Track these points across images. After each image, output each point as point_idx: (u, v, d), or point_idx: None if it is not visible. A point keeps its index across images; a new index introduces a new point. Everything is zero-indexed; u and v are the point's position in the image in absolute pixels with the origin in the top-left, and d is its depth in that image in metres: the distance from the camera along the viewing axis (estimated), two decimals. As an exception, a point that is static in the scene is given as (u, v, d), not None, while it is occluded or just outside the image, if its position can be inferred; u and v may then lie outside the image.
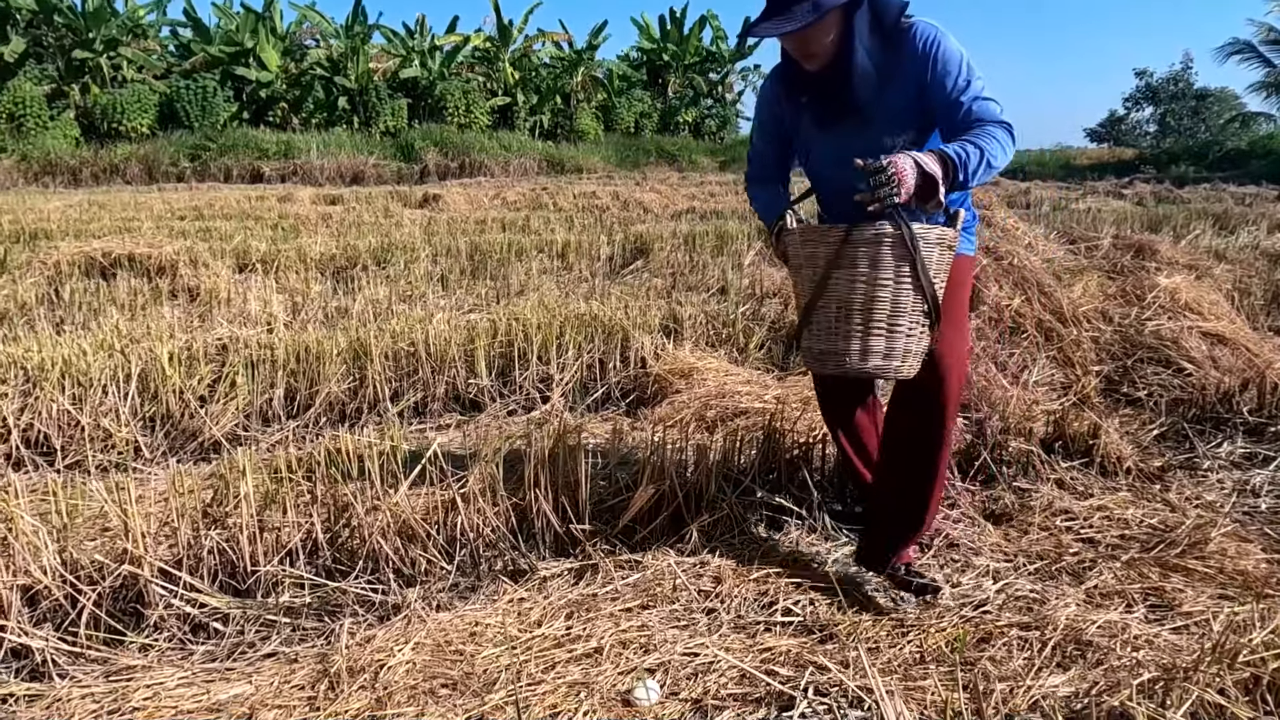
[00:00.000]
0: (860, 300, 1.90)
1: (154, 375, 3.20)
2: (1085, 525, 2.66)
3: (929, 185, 1.80)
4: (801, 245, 2.00)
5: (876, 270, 1.88)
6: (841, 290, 1.91)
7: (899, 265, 1.87)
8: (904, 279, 1.89)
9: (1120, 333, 4.07)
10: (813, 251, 1.95)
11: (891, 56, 1.97)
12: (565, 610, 2.16)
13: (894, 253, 1.86)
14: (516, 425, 3.47)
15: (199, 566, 2.04)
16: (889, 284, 1.88)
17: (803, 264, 1.99)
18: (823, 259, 1.92)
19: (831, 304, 1.94)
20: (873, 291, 1.89)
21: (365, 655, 1.96)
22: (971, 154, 1.82)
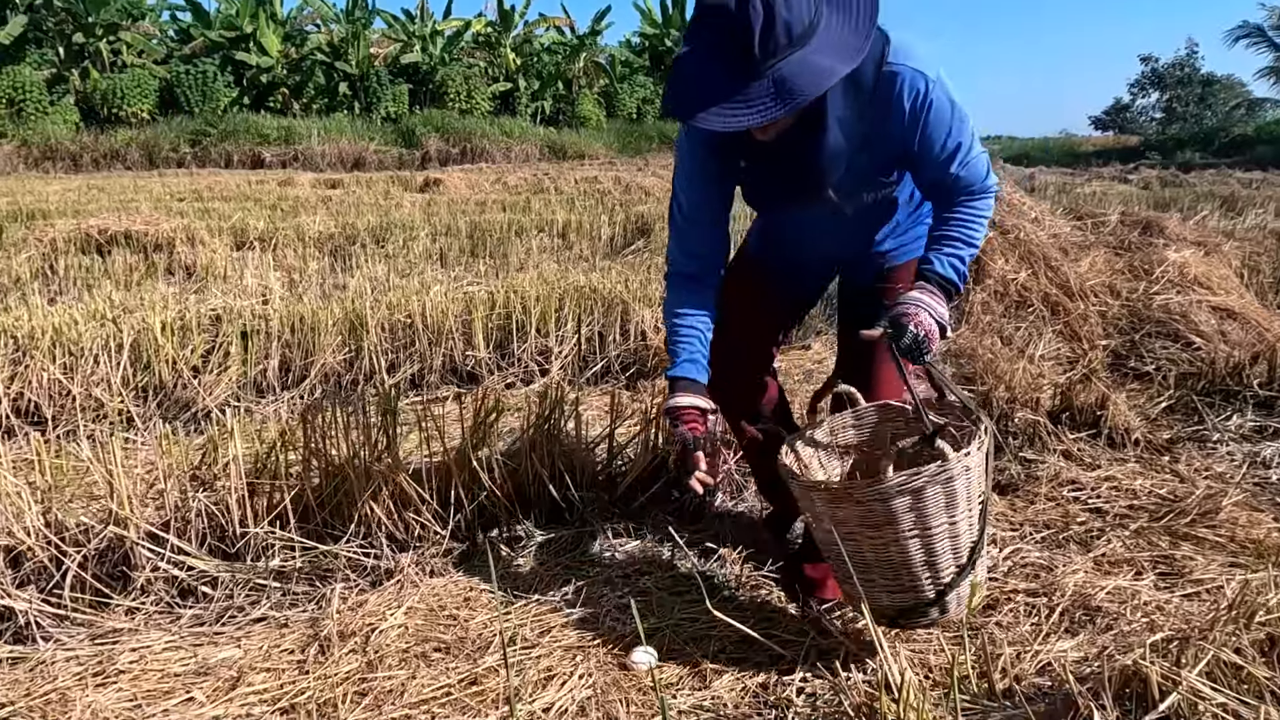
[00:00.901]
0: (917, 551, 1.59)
1: (146, 345, 3.15)
2: (1093, 495, 2.61)
3: (943, 328, 1.68)
4: (819, 503, 1.64)
5: (926, 517, 1.57)
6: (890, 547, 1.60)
7: (951, 507, 1.58)
8: (956, 517, 1.59)
9: (1128, 307, 4.01)
10: (838, 512, 1.61)
11: (871, 116, 1.62)
12: (562, 576, 2.12)
13: (943, 492, 1.55)
14: (515, 398, 3.43)
15: (187, 529, 1.99)
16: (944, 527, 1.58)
17: (824, 519, 1.66)
18: (856, 520, 1.58)
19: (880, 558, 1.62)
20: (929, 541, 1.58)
21: (357, 619, 1.92)
22: (965, 259, 1.72)
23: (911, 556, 1.58)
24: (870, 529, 1.57)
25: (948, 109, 1.62)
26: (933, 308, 1.65)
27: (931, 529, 1.56)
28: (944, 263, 1.71)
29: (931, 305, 1.65)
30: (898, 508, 1.54)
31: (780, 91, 1.41)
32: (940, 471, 1.53)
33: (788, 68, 1.40)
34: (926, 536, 1.56)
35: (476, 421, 2.26)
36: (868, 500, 1.54)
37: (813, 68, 1.41)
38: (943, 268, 1.71)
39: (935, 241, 1.73)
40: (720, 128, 1.45)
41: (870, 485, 1.54)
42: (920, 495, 1.54)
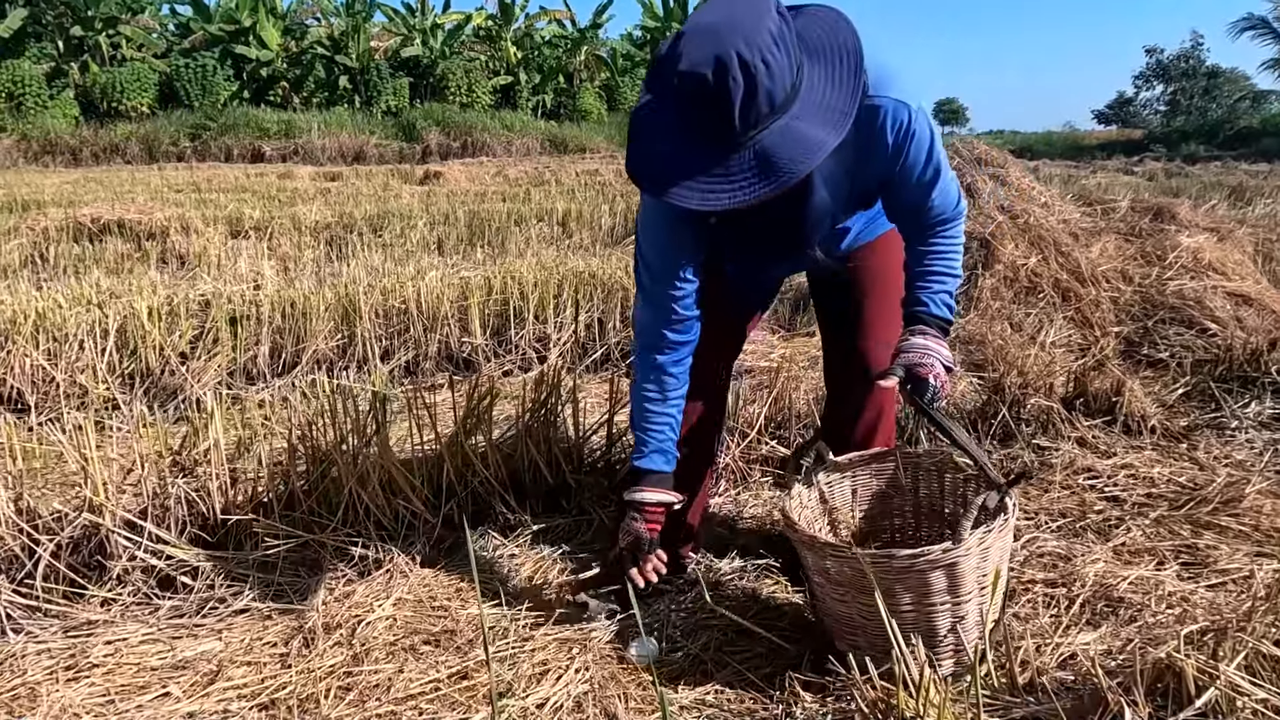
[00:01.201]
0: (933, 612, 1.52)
1: (133, 330, 3.06)
2: (1109, 483, 2.52)
3: (949, 370, 1.64)
4: (829, 563, 1.53)
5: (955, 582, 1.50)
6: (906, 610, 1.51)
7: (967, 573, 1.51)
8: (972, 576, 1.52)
9: (1140, 293, 3.91)
10: (852, 574, 1.50)
11: (852, 154, 1.48)
12: (559, 566, 2.03)
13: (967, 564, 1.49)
14: (513, 385, 3.34)
15: (166, 517, 1.90)
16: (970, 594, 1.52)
17: (831, 581, 1.56)
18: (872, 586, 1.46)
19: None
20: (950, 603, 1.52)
21: (343, 611, 1.83)
22: (953, 292, 1.68)
23: (968, 620, 1.53)
24: (931, 596, 1.49)
25: (928, 138, 1.54)
26: (941, 354, 1.61)
27: (987, 587, 1.54)
28: (937, 302, 1.66)
29: (939, 352, 1.61)
30: (966, 569, 1.48)
31: (764, 166, 1.28)
32: (1004, 525, 1.52)
33: (769, 138, 1.28)
34: (984, 595, 1.54)
35: (470, 406, 2.17)
36: (939, 565, 1.46)
37: (797, 138, 1.28)
38: (938, 308, 1.66)
39: (922, 279, 1.68)
40: (698, 206, 1.31)
41: (950, 550, 1.45)
42: (987, 553, 1.50)
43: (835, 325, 1.97)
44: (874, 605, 1.50)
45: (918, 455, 1.85)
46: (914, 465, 1.87)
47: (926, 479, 1.87)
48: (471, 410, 2.19)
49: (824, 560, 1.54)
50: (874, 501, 1.89)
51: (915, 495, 1.89)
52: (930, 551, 1.46)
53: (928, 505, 1.88)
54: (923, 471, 1.87)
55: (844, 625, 1.57)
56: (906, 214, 1.67)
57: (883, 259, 1.89)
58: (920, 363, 1.59)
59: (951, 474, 1.84)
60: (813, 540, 1.54)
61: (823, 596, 1.60)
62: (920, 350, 1.61)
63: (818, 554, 1.54)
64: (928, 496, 1.88)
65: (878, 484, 1.88)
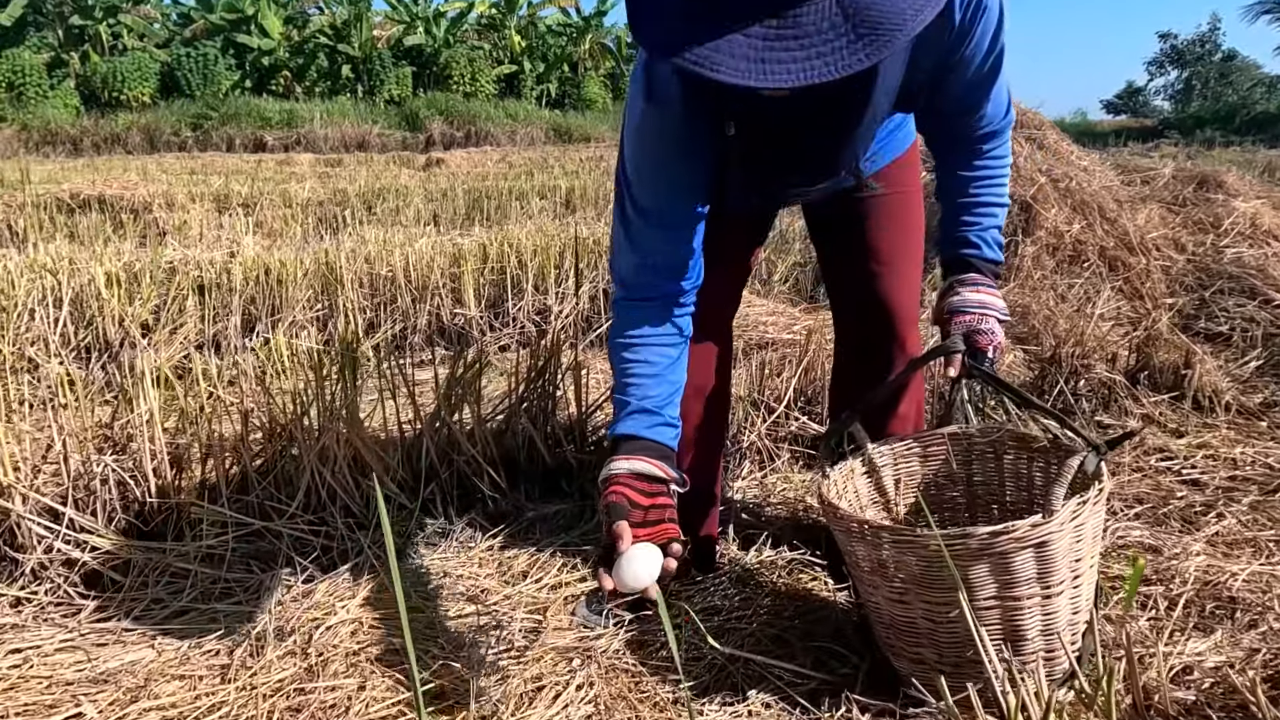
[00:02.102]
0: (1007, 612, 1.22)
1: (89, 299, 2.77)
2: (1187, 465, 2.21)
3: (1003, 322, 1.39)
4: (885, 552, 1.21)
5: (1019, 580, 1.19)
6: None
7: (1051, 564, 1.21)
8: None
9: (1194, 262, 3.59)
10: (916, 566, 1.20)
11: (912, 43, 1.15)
12: (559, 560, 1.73)
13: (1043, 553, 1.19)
14: (509, 361, 3.04)
15: (91, 500, 1.61)
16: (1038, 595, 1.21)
17: (887, 578, 1.24)
18: (932, 576, 1.19)
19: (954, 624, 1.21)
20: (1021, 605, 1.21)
21: (300, 613, 1.53)
22: (1002, 226, 1.42)
23: (1060, 616, 1.23)
24: (1016, 585, 1.19)
25: (996, 18, 1.21)
26: (999, 311, 1.38)
27: (1081, 574, 1.25)
28: (989, 241, 1.40)
29: (997, 308, 1.37)
30: (1059, 551, 1.18)
31: (855, 22, 0.85)
32: (1098, 497, 1.22)
33: None
34: (1076, 585, 1.25)
35: (454, 377, 1.87)
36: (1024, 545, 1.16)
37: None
38: (990, 249, 1.40)
39: (969, 212, 1.40)
40: (761, 83, 0.86)
41: (1039, 524, 1.15)
42: (1082, 530, 1.21)
43: (845, 273, 1.63)
44: (945, 604, 1.20)
45: (969, 435, 1.53)
46: (964, 447, 1.54)
47: (981, 462, 1.55)
48: (457, 380, 1.88)
49: (879, 550, 1.22)
50: (921, 492, 1.57)
51: (969, 483, 1.56)
52: (1016, 527, 1.15)
53: (984, 493, 1.56)
54: (975, 454, 1.54)
55: (904, 635, 1.26)
56: (950, 120, 1.35)
57: (904, 185, 1.57)
58: (979, 328, 1.34)
59: (1013, 454, 1.51)
60: (864, 526, 1.23)
61: (876, 600, 1.29)
62: (978, 310, 1.35)
63: (870, 543, 1.23)
64: (983, 483, 1.55)
65: (925, 471, 1.56)
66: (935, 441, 1.54)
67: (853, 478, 1.48)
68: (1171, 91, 33.95)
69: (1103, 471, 1.25)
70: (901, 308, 1.60)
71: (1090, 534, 1.25)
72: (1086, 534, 1.23)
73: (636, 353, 1.28)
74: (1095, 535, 1.28)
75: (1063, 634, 1.23)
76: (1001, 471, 1.54)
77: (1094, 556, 1.29)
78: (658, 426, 1.25)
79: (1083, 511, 1.19)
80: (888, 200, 1.55)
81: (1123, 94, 38.74)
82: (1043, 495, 1.48)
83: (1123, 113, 37.86)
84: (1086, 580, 1.27)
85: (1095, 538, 1.28)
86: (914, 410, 1.70)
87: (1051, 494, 1.19)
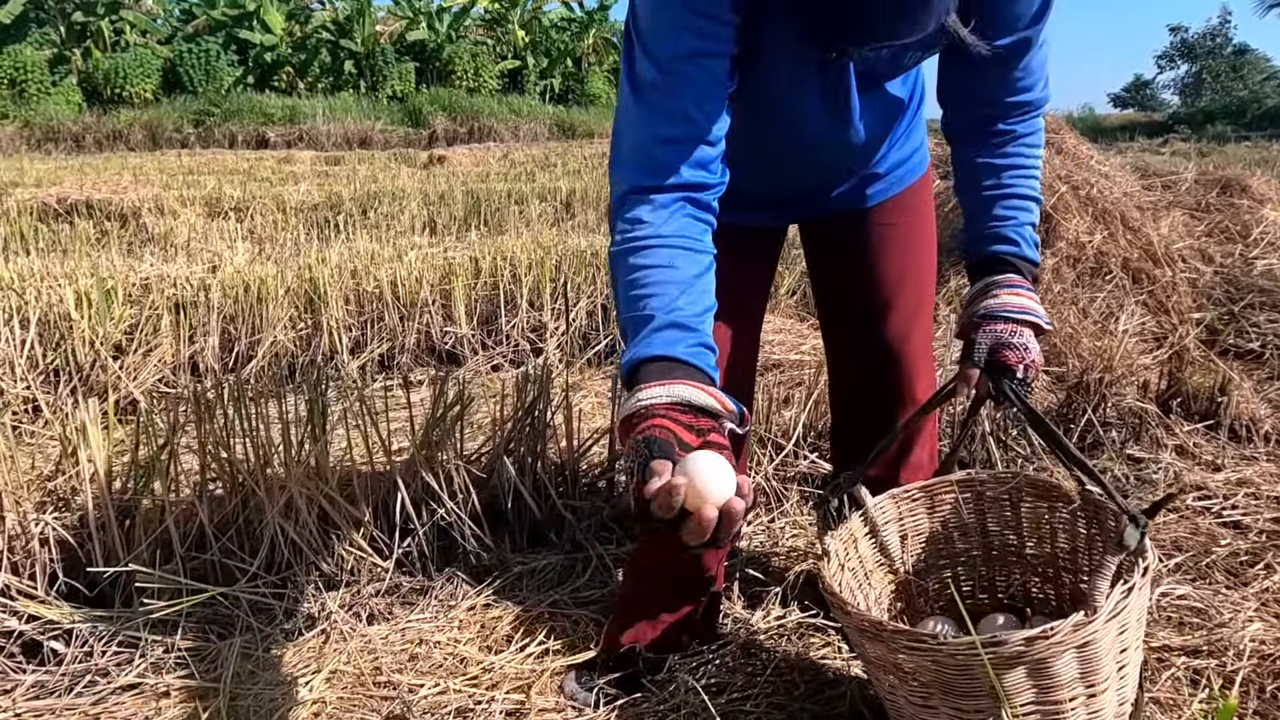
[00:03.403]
0: None
1: (58, 319, 2.62)
2: (1227, 506, 2.05)
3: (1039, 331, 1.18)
4: (902, 656, 1.05)
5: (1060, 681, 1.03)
6: None
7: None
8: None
9: (1223, 274, 3.42)
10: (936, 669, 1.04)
11: None
12: (545, 623, 1.58)
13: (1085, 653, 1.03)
14: (501, 382, 2.89)
15: (30, 563, 1.46)
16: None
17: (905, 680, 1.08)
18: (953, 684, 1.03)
19: None
20: None
21: (258, 689, 1.38)
22: (1036, 223, 1.23)
23: (1105, 713, 1.07)
24: (1058, 689, 1.03)
25: None
26: (1038, 318, 1.16)
27: (1127, 665, 1.09)
28: (1025, 239, 1.21)
29: (1037, 315, 1.16)
30: (1103, 648, 1.02)
31: None
32: (1144, 581, 1.05)
33: None
34: (1123, 677, 1.08)
35: (434, 417, 1.72)
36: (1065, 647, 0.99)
37: None
38: (1029, 247, 1.21)
39: (1003, 205, 1.20)
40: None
41: (1082, 624, 0.99)
42: (1129, 619, 1.04)
43: (845, 320, 1.46)
44: (978, 712, 1.04)
45: (979, 481, 1.35)
46: (975, 494, 1.36)
47: (996, 511, 1.37)
48: (437, 420, 1.73)
49: (896, 654, 1.07)
50: (930, 548, 1.39)
51: (983, 533, 1.39)
52: (1056, 630, 0.99)
53: (1000, 545, 1.39)
54: (989, 502, 1.37)
55: None
56: (986, 87, 1.17)
57: (915, 211, 1.40)
58: (1010, 342, 1.13)
59: (1031, 503, 1.33)
60: (877, 628, 1.07)
61: (895, 700, 1.13)
62: (1017, 317, 1.14)
63: (887, 645, 1.07)
64: (999, 533, 1.38)
65: (932, 525, 1.38)
66: (943, 489, 1.36)
67: (855, 545, 1.31)
68: (1181, 85, 33.61)
69: (1146, 546, 1.08)
70: (911, 351, 1.43)
71: (1135, 618, 1.09)
72: (1131, 620, 1.07)
73: (653, 255, 0.94)
74: (1140, 618, 1.12)
75: None
76: (1020, 521, 1.36)
77: (1139, 638, 1.13)
78: (697, 348, 0.90)
79: (1127, 603, 1.03)
80: (896, 226, 1.39)
81: (1130, 87, 38.41)
82: (1068, 552, 1.32)
83: (1130, 106, 37.53)
84: (1133, 664, 1.12)
85: (1140, 620, 1.12)
86: (927, 457, 1.54)
87: (1095, 587, 1.02)
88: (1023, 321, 1.14)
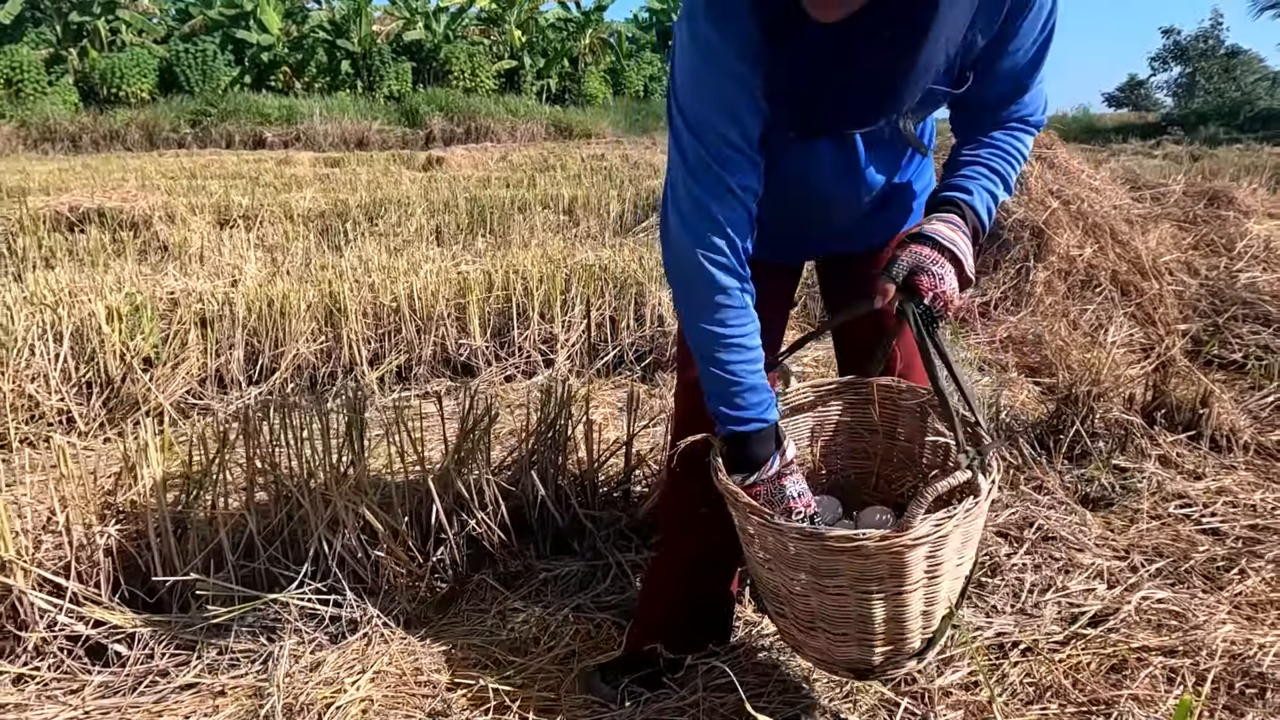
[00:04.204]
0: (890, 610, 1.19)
1: (90, 334, 2.73)
2: (1206, 513, 2.18)
3: (966, 281, 1.23)
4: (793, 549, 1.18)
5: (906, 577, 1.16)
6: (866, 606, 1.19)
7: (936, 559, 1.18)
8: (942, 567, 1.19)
9: (1208, 286, 3.55)
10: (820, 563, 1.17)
11: (970, 8, 1.13)
12: (570, 626, 1.70)
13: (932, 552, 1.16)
14: (516, 392, 3.00)
15: (94, 573, 1.57)
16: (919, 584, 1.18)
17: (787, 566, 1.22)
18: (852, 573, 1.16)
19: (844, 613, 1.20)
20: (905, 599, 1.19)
21: (310, 687, 1.50)
22: (998, 201, 1.29)
23: (911, 608, 1.18)
24: (868, 582, 1.15)
25: (1050, 2, 1.18)
26: (962, 254, 1.20)
27: (940, 575, 1.18)
28: (980, 196, 1.25)
29: (961, 251, 1.20)
30: (912, 559, 1.13)
31: None
32: (973, 509, 1.15)
33: None
34: (933, 584, 1.18)
35: (464, 432, 1.83)
36: (878, 554, 1.12)
37: None
38: (979, 201, 1.25)
39: (969, 167, 1.27)
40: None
41: (889, 538, 1.11)
42: (943, 541, 1.14)
43: (859, 338, 1.52)
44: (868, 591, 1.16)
45: (899, 390, 1.43)
46: (892, 402, 1.45)
47: (907, 421, 1.45)
48: (465, 437, 1.84)
49: (745, 522, 1.22)
50: (839, 439, 1.49)
51: (892, 438, 1.47)
52: (868, 537, 1.11)
53: (904, 453, 1.47)
54: (903, 412, 1.44)
55: (830, 625, 1.22)
56: (985, 108, 1.27)
57: None
58: (927, 267, 1.18)
59: (934, 418, 1.41)
60: (734, 496, 1.21)
61: (786, 595, 1.25)
62: (941, 243, 1.19)
63: (739, 513, 1.23)
64: (906, 442, 1.46)
65: (846, 420, 1.48)
66: (863, 391, 1.46)
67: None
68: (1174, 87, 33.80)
69: (979, 484, 1.16)
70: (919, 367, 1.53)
71: (958, 541, 1.18)
72: (949, 543, 1.16)
73: (742, 337, 1.22)
74: (966, 541, 1.20)
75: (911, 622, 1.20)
76: (924, 432, 1.44)
77: (962, 558, 1.22)
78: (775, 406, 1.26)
79: (945, 526, 1.13)
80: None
81: (1124, 87, 38.58)
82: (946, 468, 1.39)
83: (1124, 105, 37.70)
84: (969, 560, 1.24)
85: (967, 543, 1.21)
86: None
87: (910, 512, 1.11)
88: (946, 251, 1.20)
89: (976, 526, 1.21)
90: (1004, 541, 2.01)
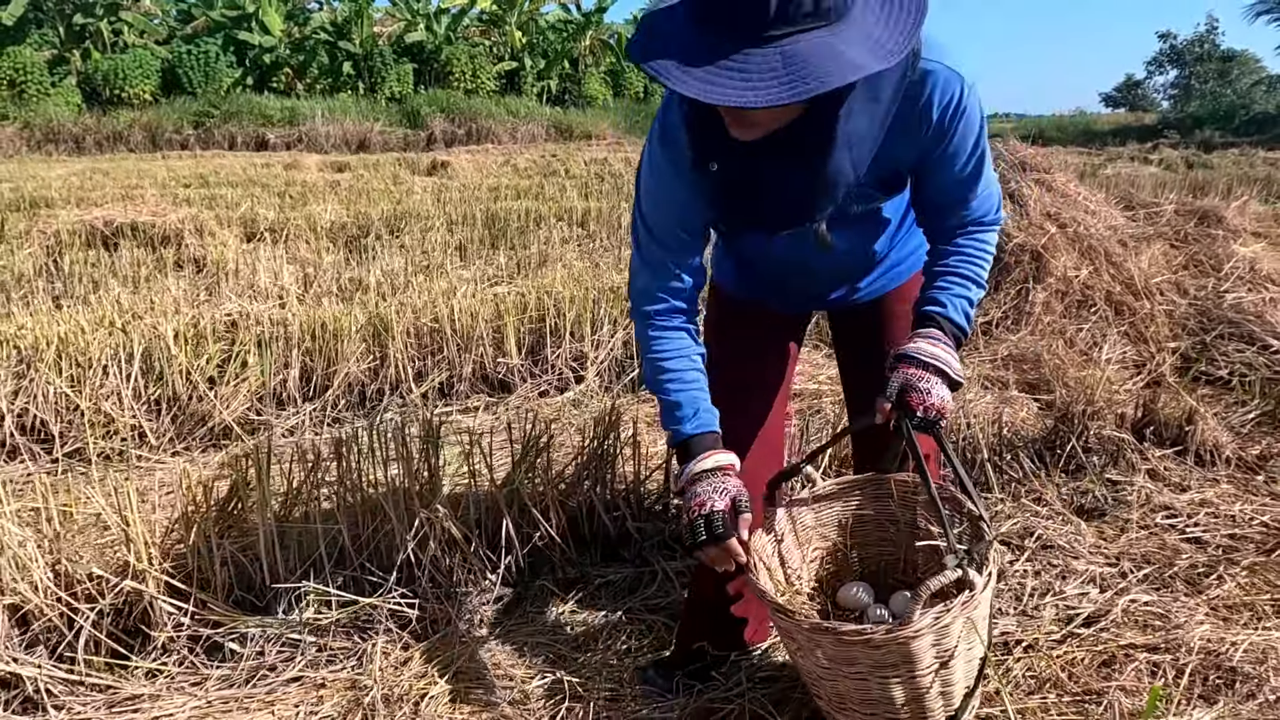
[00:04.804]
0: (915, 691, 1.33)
1: (158, 354, 2.94)
2: (1189, 523, 2.40)
3: (955, 385, 1.37)
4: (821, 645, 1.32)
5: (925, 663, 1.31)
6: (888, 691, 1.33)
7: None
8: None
9: (1196, 306, 3.78)
10: (840, 653, 1.32)
11: (888, 122, 1.29)
12: (626, 626, 1.92)
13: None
14: (549, 407, 3.22)
15: (212, 579, 1.79)
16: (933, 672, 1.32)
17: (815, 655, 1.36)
18: (868, 662, 1.30)
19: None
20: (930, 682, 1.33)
21: (402, 680, 1.72)
22: (974, 303, 1.43)
23: (930, 691, 1.33)
24: (884, 669, 1.30)
25: (977, 121, 1.33)
26: (949, 367, 1.35)
27: (953, 659, 1.32)
28: (955, 306, 1.40)
29: (948, 364, 1.35)
30: (919, 649, 1.28)
31: (789, 70, 1.05)
32: (969, 602, 1.28)
33: (802, 44, 1.06)
34: (947, 669, 1.32)
35: (525, 449, 2.05)
36: (886, 645, 1.27)
37: (834, 53, 1.07)
38: (954, 311, 1.40)
39: (941, 279, 1.43)
40: (699, 95, 1.06)
41: (893, 631, 1.26)
42: (946, 631, 1.28)
43: (863, 379, 1.70)
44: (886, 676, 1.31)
45: (915, 484, 1.55)
46: (910, 496, 1.59)
47: (922, 510, 1.58)
48: (526, 453, 2.07)
49: (810, 643, 1.35)
50: (867, 528, 1.65)
51: (914, 527, 1.61)
52: (873, 632, 1.26)
53: (920, 537, 1.59)
54: (919, 503, 1.59)
55: (860, 707, 1.38)
56: (937, 211, 1.45)
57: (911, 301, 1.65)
58: (915, 385, 1.32)
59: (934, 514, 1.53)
60: (763, 595, 1.36)
61: (818, 678, 1.41)
62: (927, 362, 1.33)
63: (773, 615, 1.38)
64: (926, 534, 1.58)
65: (869, 513, 1.64)
66: (884, 484, 1.59)
67: (796, 520, 1.58)
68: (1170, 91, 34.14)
69: (973, 580, 1.27)
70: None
71: (956, 633, 1.29)
72: (952, 632, 1.28)
73: (677, 362, 1.46)
74: (972, 628, 1.31)
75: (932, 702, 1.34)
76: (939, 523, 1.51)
77: (972, 643, 1.34)
78: (717, 421, 1.47)
79: (944, 619, 1.25)
80: (903, 310, 1.61)
81: (1121, 87, 38.91)
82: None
83: (1121, 106, 38.03)
84: (981, 642, 1.35)
85: (973, 629, 1.31)
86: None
87: (910, 611, 1.25)
88: (930, 367, 1.33)
89: (981, 613, 1.31)
90: (1007, 549, 2.23)
